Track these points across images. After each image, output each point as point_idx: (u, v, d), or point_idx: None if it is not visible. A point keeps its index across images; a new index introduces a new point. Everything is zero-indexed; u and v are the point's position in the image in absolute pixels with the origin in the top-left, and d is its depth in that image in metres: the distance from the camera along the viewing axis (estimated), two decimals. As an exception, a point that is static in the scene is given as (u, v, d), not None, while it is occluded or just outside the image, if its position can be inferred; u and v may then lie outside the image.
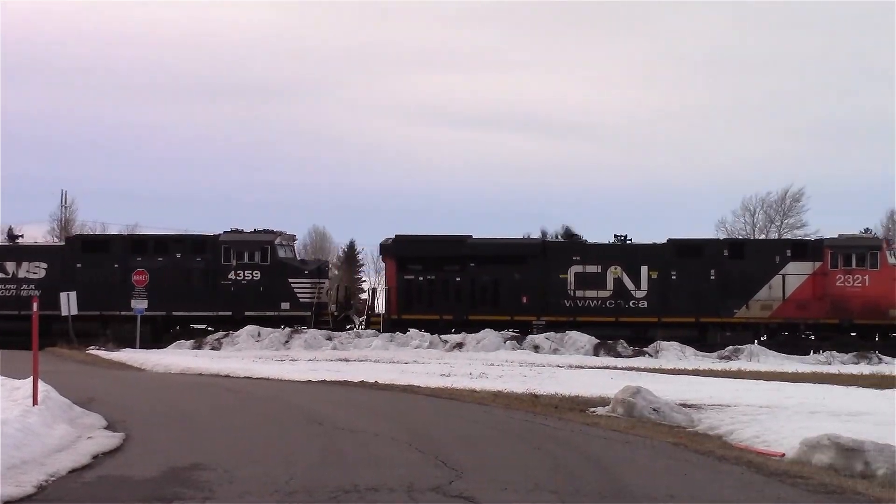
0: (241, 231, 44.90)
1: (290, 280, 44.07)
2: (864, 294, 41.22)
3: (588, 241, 45.11)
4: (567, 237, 46.58)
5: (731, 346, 39.88)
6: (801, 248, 42.94)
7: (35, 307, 16.95)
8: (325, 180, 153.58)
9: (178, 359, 35.46)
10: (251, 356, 37.95)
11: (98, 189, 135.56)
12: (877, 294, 41.06)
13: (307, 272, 44.68)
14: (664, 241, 43.75)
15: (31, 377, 16.15)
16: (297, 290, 44.06)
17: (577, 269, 42.87)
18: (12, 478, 11.31)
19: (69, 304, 40.62)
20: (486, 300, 43.28)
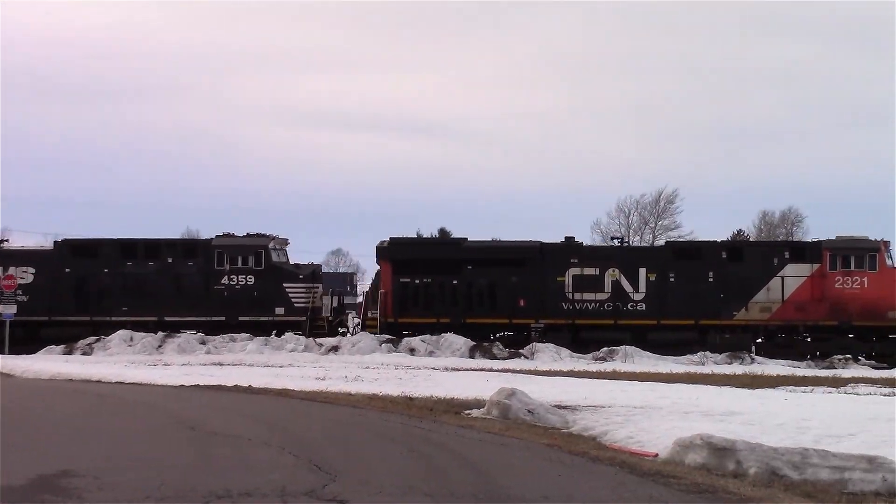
0: (234, 235, 43.98)
1: (285, 285, 43.11)
2: (863, 296, 41.34)
3: (585, 244, 45.22)
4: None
5: (606, 348, 40.21)
6: (800, 250, 42.91)
7: None
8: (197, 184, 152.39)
9: (48, 364, 34.58)
10: (123, 361, 37.26)
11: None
12: (875, 296, 41.20)
13: (302, 277, 43.71)
14: (662, 243, 43.38)
15: None
16: (291, 295, 43.13)
17: (574, 271, 42.58)
18: None
19: None
20: (484, 303, 42.84)
